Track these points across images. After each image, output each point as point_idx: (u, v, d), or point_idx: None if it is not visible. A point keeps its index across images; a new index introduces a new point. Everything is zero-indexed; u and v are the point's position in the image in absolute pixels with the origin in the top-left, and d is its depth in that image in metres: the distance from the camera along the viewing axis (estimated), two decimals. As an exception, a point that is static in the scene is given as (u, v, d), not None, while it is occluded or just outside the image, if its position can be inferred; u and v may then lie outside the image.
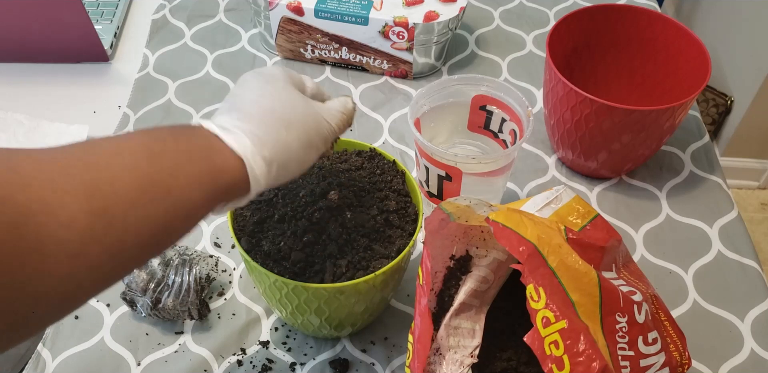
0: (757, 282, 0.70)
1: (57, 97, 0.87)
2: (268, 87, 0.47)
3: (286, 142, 0.45)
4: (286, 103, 0.46)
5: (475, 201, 0.49)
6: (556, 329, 0.42)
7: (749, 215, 1.70)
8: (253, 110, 0.44)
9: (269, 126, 0.44)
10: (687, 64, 0.75)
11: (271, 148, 0.44)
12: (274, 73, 0.48)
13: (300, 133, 0.46)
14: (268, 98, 0.45)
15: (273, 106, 0.45)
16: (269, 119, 0.44)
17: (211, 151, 0.41)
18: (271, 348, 0.65)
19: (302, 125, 0.46)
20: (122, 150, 0.38)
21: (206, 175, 0.41)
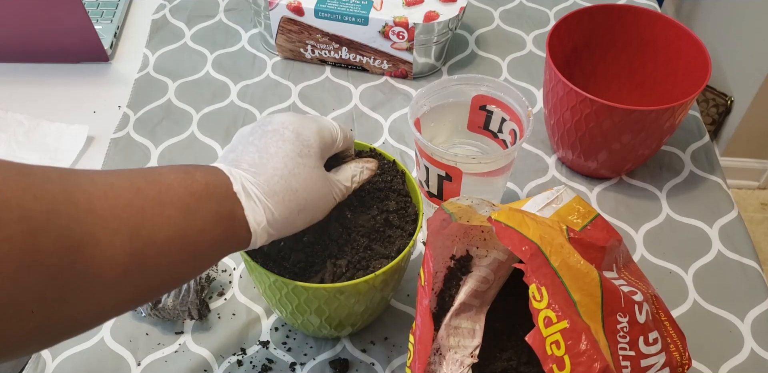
0: (757, 282, 0.70)
1: (57, 97, 0.87)
2: (301, 163, 0.49)
3: (294, 223, 0.49)
4: (309, 187, 0.49)
5: (477, 201, 0.49)
6: (557, 329, 0.42)
7: (749, 215, 1.70)
8: (277, 187, 0.47)
9: (286, 208, 0.47)
10: (687, 64, 0.75)
11: (279, 229, 0.48)
12: (310, 140, 0.50)
13: (308, 216, 0.49)
14: (294, 179, 0.48)
15: (296, 187, 0.48)
16: (288, 201, 0.47)
17: (234, 221, 0.45)
18: (271, 348, 0.65)
19: (314, 209, 0.50)
20: (165, 201, 0.42)
21: (226, 241, 0.46)
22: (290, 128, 0.49)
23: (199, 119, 0.85)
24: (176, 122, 0.85)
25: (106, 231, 0.38)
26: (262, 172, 0.47)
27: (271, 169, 0.47)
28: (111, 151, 0.81)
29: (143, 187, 0.42)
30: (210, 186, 0.45)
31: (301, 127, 0.50)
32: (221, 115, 0.86)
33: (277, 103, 0.87)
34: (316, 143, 0.50)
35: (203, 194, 0.44)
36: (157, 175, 0.43)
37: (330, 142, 0.52)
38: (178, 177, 0.44)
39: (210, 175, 0.46)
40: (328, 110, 0.86)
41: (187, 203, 0.43)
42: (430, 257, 0.51)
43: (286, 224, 0.48)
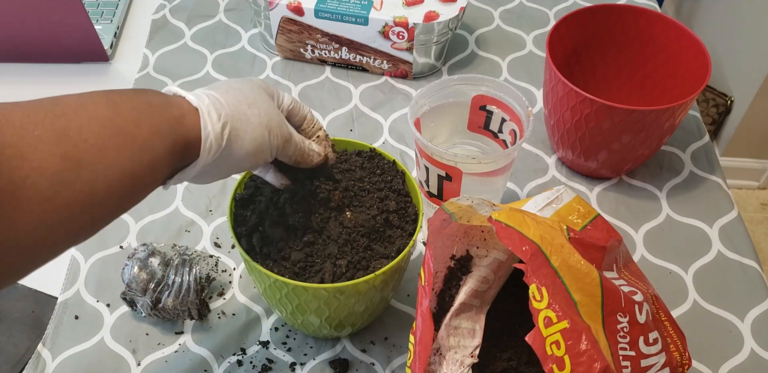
0: (757, 282, 0.70)
1: (57, 97, 0.87)
2: (245, 82, 0.50)
3: (245, 113, 0.47)
4: (254, 95, 0.49)
5: (477, 201, 0.49)
6: (557, 329, 0.42)
7: (749, 215, 1.70)
8: (222, 86, 0.48)
9: (232, 97, 0.47)
10: (687, 64, 0.75)
11: (228, 112, 0.46)
12: (252, 79, 0.51)
13: (260, 113, 0.48)
14: (239, 84, 0.49)
15: (241, 88, 0.48)
16: (234, 94, 0.47)
17: (170, 105, 0.43)
18: (271, 348, 0.65)
19: (265, 109, 0.49)
20: (86, 102, 0.40)
21: (166, 125, 0.42)
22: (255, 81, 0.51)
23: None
24: (176, 122, 0.84)
25: (28, 139, 0.36)
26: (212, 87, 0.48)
27: (213, 85, 0.48)
28: (111, 151, 0.81)
29: (62, 97, 0.40)
30: (137, 89, 0.44)
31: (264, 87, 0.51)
32: (221, 115, 0.85)
33: (277, 103, 0.87)
34: (258, 81, 0.51)
35: (129, 91, 0.43)
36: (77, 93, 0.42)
37: (272, 89, 0.52)
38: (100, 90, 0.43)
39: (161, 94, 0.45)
40: (328, 110, 0.86)
41: (112, 99, 0.41)
42: (430, 257, 0.51)
43: (236, 112, 0.46)
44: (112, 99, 0.41)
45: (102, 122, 0.39)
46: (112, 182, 0.39)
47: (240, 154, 0.47)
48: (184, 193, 0.77)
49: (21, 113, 0.37)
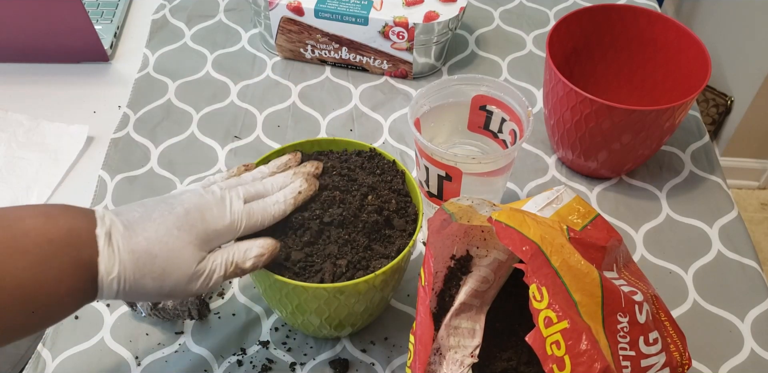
0: (757, 282, 0.70)
1: (57, 97, 0.87)
2: (174, 235, 0.47)
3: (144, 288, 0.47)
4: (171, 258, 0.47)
5: (478, 201, 0.49)
6: (558, 329, 0.42)
7: (749, 215, 1.70)
8: (138, 247, 0.46)
9: (139, 270, 0.46)
10: (687, 64, 0.75)
11: (127, 288, 0.46)
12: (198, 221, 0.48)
13: (162, 287, 0.47)
14: (159, 246, 0.46)
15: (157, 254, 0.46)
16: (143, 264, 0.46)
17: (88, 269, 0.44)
18: (271, 348, 0.65)
19: (171, 282, 0.47)
20: (19, 248, 0.41)
21: (80, 289, 0.44)
22: (186, 206, 0.49)
23: (199, 119, 0.85)
24: (176, 122, 0.85)
25: None
26: (133, 228, 0.46)
27: (142, 229, 0.46)
28: (111, 151, 0.81)
29: None
30: (72, 232, 0.44)
31: (197, 207, 0.49)
32: (221, 115, 0.86)
33: (277, 104, 0.87)
34: (202, 225, 0.48)
35: (62, 242, 0.43)
36: (16, 219, 0.43)
37: (225, 227, 0.50)
38: (38, 222, 0.43)
39: (75, 220, 0.44)
40: (328, 110, 0.86)
41: (43, 250, 0.42)
42: (430, 257, 0.51)
43: (135, 288, 0.46)
44: (44, 251, 0.42)
45: (24, 277, 0.41)
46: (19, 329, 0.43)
47: (148, 297, 0.49)
48: (184, 193, 0.77)
49: None
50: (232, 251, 0.50)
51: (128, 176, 0.78)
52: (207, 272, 0.49)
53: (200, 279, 0.48)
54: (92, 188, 0.77)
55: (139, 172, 0.79)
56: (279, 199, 0.53)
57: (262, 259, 0.51)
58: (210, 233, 0.49)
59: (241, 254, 0.50)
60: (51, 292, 0.42)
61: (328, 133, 0.84)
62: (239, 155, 0.81)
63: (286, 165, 0.57)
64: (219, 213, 0.49)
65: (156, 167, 0.80)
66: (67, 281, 0.43)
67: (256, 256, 0.50)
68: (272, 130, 0.84)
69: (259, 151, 0.81)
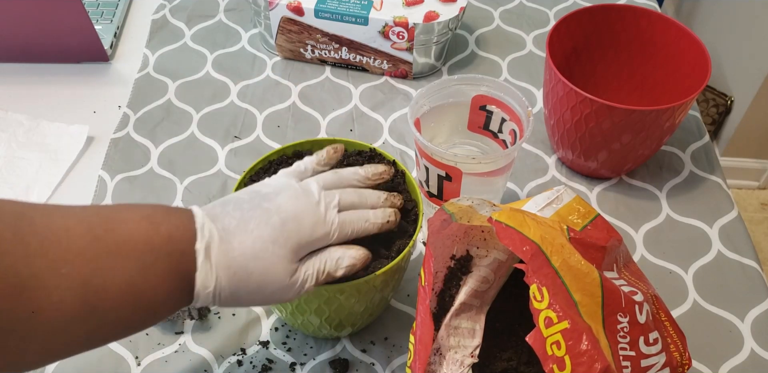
0: (757, 282, 0.70)
1: (57, 97, 0.87)
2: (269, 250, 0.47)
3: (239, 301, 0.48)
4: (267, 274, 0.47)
5: (478, 201, 0.49)
6: (558, 330, 0.42)
7: (749, 215, 1.70)
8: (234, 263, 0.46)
9: (235, 285, 0.46)
10: (687, 64, 0.75)
11: (223, 300, 0.47)
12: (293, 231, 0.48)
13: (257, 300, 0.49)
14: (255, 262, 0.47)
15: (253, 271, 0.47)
16: (239, 280, 0.46)
17: (185, 280, 0.45)
18: (271, 348, 0.65)
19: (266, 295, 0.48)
20: (121, 253, 0.42)
21: (176, 296, 0.45)
22: (283, 215, 0.48)
23: (199, 119, 0.85)
24: (176, 122, 0.85)
25: (54, 275, 0.38)
26: (230, 240, 0.46)
27: (238, 243, 0.46)
28: (111, 151, 0.81)
29: (100, 235, 0.42)
30: (173, 241, 0.44)
31: (294, 217, 0.49)
32: (221, 115, 0.86)
33: (277, 104, 0.87)
34: (297, 236, 0.48)
35: (162, 250, 0.44)
36: (119, 222, 0.43)
37: (319, 237, 0.50)
38: (140, 227, 0.43)
39: (176, 229, 0.45)
40: (328, 110, 0.86)
41: (144, 257, 0.43)
42: (430, 257, 0.51)
43: (231, 299, 0.47)
44: (144, 258, 0.43)
45: (127, 281, 0.42)
46: (116, 331, 0.44)
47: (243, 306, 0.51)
48: (184, 192, 0.77)
49: (56, 244, 0.39)
50: (324, 259, 0.50)
51: (128, 176, 0.78)
52: (300, 283, 0.49)
53: (293, 289, 0.49)
54: (92, 188, 0.77)
55: (139, 173, 0.79)
56: (370, 218, 0.52)
57: (354, 268, 0.51)
58: (304, 244, 0.49)
59: (333, 262, 0.50)
60: (150, 297, 0.43)
61: (328, 133, 0.84)
62: (239, 155, 0.81)
63: (381, 175, 0.56)
64: (315, 221, 0.49)
65: (156, 167, 0.80)
66: (165, 289, 0.44)
67: (348, 266, 0.50)
68: (272, 131, 0.84)
69: (259, 151, 0.81)
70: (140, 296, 0.43)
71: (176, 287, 0.44)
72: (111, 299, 0.41)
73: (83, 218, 0.42)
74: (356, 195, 0.53)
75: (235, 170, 0.79)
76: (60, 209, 0.42)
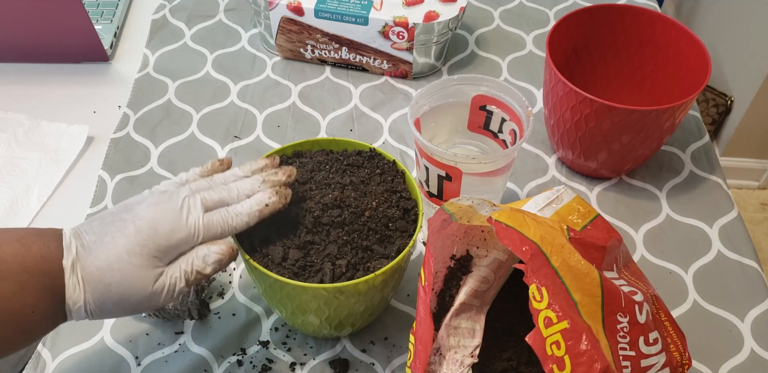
0: (757, 282, 0.70)
1: (57, 97, 0.87)
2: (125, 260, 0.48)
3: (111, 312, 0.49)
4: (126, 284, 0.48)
5: (478, 201, 0.49)
6: (558, 330, 0.42)
7: (749, 215, 1.70)
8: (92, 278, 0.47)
9: (98, 298, 0.47)
10: (687, 64, 0.75)
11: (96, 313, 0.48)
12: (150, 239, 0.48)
13: (127, 309, 0.49)
14: (111, 274, 0.47)
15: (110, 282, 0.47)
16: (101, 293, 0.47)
17: (60, 297, 0.46)
18: (271, 348, 0.65)
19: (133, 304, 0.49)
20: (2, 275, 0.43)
21: (54, 315, 0.46)
22: (138, 223, 0.48)
23: (199, 119, 0.85)
24: (176, 122, 0.85)
25: None
26: (87, 255, 0.47)
27: (94, 257, 0.47)
28: (111, 151, 0.81)
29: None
30: (46, 260, 0.45)
31: (150, 224, 0.48)
32: (221, 115, 0.86)
33: (277, 104, 0.87)
34: (154, 243, 0.48)
35: (36, 270, 0.45)
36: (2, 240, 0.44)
37: (180, 240, 0.49)
38: (14, 249, 0.45)
39: (47, 249, 0.46)
40: (328, 110, 0.86)
41: (19, 277, 0.44)
42: (430, 257, 0.51)
43: (101, 311, 0.48)
44: (20, 279, 0.44)
45: (3, 300, 0.43)
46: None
47: (119, 316, 0.50)
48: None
49: None
50: (189, 259, 0.50)
51: (128, 176, 0.78)
52: (168, 286, 0.49)
53: (162, 294, 0.49)
54: (92, 188, 0.77)
55: (139, 172, 0.79)
56: (243, 210, 0.51)
57: (222, 263, 0.50)
58: (164, 249, 0.49)
59: (199, 261, 0.50)
60: (28, 317, 0.45)
61: (328, 133, 0.84)
62: (239, 155, 0.81)
63: (262, 170, 0.55)
64: (174, 226, 0.49)
65: (156, 167, 0.80)
66: (42, 308, 0.45)
67: (215, 261, 0.50)
68: (272, 130, 0.84)
69: (259, 151, 0.81)
70: (17, 316, 0.44)
71: (51, 305, 0.46)
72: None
73: None
74: (225, 191, 0.52)
75: (235, 170, 0.79)
76: None
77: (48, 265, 0.46)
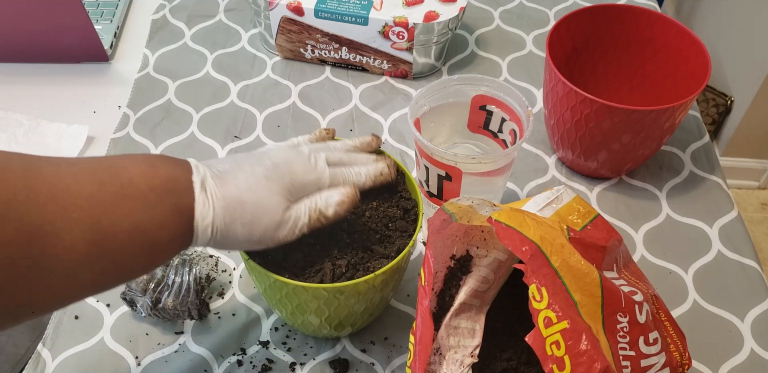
0: (757, 282, 0.70)
1: (57, 97, 0.87)
2: (263, 184, 0.49)
3: (234, 234, 0.49)
4: (260, 205, 0.49)
5: (478, 201, 0.49)
6: (557, 330, 0.42)
7: (749, 215, 1.70)
8: (229, 194, 0.48)
9: (229, 215, 0.48)
10: (687, 64, 0.75)
11: (219, 232, 0.48)
12: (285, 173, 0.51)
13: (251, 234, 0.49)
14: (249, 193, 0.49)
15: (246, 201, 0.48)
16: (233, 210, 0.48)
17: (185, 214, 0.46)
18: (271, 348, 0.65)
19: (259, 229, 0.49)
20: (126, 195, 0.43)
21: (180, 234, 0.46)
22: (273, 159, 0.51)
23: (199, 119, 0.85)
24: (176, 122, 0.85)
25: (66, 220, 0.40)
26: (223, 176, 0.48)
27: (233, 178, 0.48)
28: (111, 152, 0.81)
29: (105, 180, 0.43)
30: (172, 180, 0.46)
31: (285, 162, 0.51)
32: (221, 115, 0.86)
33: (277, 104, 0.87)
34: (290, 177, 0.50)
35: (164, 189, 0.45)
36: (121, 168, 0.44)
37: (311, 180, 0.52)
38: (141, 171, 0.45)
39: (174, 169, 0.46)
40: (328, 110, 0.86)
41: (147, 197, 0.44)
42: (430, 257, 0.51)
43: (227, 232, 0.48)
44: (148, 199, 0.44)
45: (134, 221, 0.43)
46: (125, 268, 0.45)
47: (240, 245, 0.51)
48: (184, 193, 0.77)
49: (65, 191, 0.41)
50: (314, 198, 0.52)
51: (128, 176, 0.78)
52: (293, 219, 0.50)
53: (287, 225, 0.50)
54: (92, 188, 0.77)
55: (139, 172, 0.79)
56: (362, 171, 0.55)
57: (344, 207, 0.52)
58: (296, 185, 0.51)
59: (323, 201, 0.52)
60: (156, 236, 0.44)
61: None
62: (239, 155, 0.81)
63: (369, 144, 0.59)
64: (306, 168, 0.52)
65: (156, 167, 0.80)
66: (170, 226, 0.45)
67: (337, 203, 0.52)
68: (272, 130, 0.84)
69: (259, 151, 0.81)
70: (147, 236, 0.44)
71: (179, 223, 0.46)
72: (120, 239, 0.42)
73: (88, 167, 0.43)
74: (345, 155, 0.56)
75: (235, 170, 0.79)
76: (66, 160, 0.43)
77: (175, 184, 0.46)
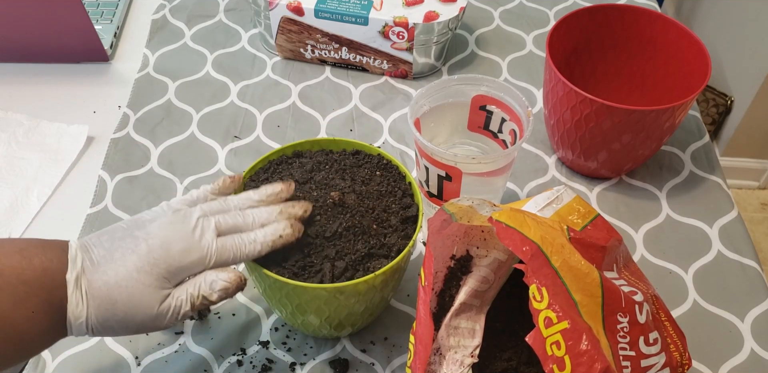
0: (757, 282, 0.70)
1: (57, 97, 0.87)
2: (134, 278, 0.47)
3: (113, 329, 0.48)
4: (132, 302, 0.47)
5: (478, 201, 0.49)
6: (558, 330, 0.42)
7: (749, 215, 1.70)
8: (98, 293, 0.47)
9: (101, 315, 0.47)
10: (687, 64, 0.75)
11: (97, 329, 0.47)
12: (161, 259, 0.48)
13: (129, 328, 0.48)
14: (118, 291, 0.47)
15: (116, 300, 0.47)
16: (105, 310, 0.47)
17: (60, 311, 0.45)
18: (271, 348, 0.65)
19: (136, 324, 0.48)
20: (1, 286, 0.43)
21: (52, 329, 0.45)
22: (150, 242, 0.48)
23: (199, 119, 0.85)
24: (176, 122, 0.85)
25: None
26: (95, 270, 0.47)
27: (102, 272, 0.47)
28: (111, 151, 0.81)
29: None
30: (47, 274, 0.45)
31: (162, 244, 0.48)
32: (221, 115, 0.86)
33: (277, 104, 0.87)
34: (165, 263, 0.48)
35: (36, 283, 0.44)
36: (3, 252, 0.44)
37: (192, 262, 0.49)
38: (13, 262, 0.44)
39: (49, 261, 0.45)
40: (328, 110, 0.86)
41: (17, 290, 0.43)
42: (430, 257, 0.51)
43: (103, 328, 0.47)
44: (17, 292, 0.43)
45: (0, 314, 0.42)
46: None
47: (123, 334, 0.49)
48: (184, 192, 0.77)
49: None
50: (197, 283, 0.49)
51: (128, 176, 0.78)
52: (173, 309, 0.48)
53: (167, 315, 0.48)
54: (92, 188, 0.77)
55: (139, 173, 0.79)
56: (257, 238, 0.51)
57: (228, 292, 0.50)
58: (174, 270, 0.48)
59: (207, 287, 0.49)
60: (24, 329, 0.44)
61: (328, 133, 0.84)
62: (239, 155, 0.81)
63: (277, 195, 0.54)
64: (187, 247, 0.49)
65: (156, 167, 0.80)
66: (40, 321, 0.44)
67: (221, 289, 0.49)
68: (272, 130, 0.84)
69: (259, 151, 0.81)
70: (14, 330, 0.43)
71: (50, 319, 0.45)
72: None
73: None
74: (241, 217, 0.52)
75: (235, 170, 0.79)
76: None
77: (49, 278, 0.45)
